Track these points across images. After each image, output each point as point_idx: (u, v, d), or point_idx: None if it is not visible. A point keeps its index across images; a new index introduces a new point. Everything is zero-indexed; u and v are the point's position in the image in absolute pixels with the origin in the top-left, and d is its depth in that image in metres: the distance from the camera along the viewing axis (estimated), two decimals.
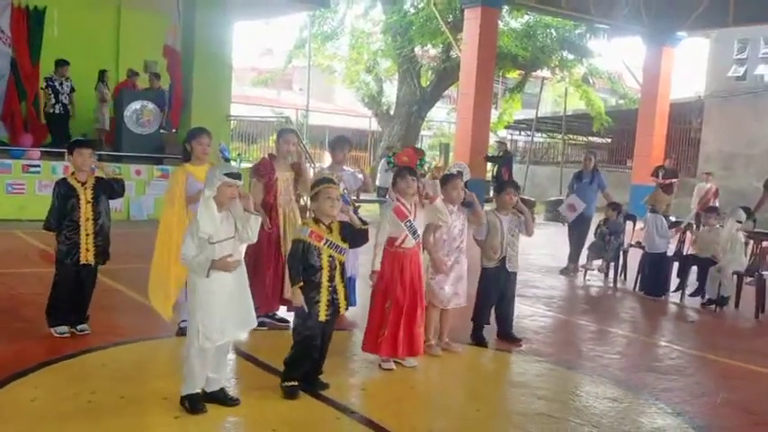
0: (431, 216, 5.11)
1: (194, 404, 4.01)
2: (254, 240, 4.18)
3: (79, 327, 5.37)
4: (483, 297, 5.92)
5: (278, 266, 5.78)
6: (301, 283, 4.23)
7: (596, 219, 10.03)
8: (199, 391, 4.06)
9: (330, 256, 4.31)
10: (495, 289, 5.90)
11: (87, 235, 5.26)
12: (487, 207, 6.18)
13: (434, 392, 4.88)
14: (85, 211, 5.24)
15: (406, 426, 4.06)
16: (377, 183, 16.38)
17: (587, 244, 9.73)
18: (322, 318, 4.30)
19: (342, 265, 4.41)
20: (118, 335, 5.48)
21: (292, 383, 4.33)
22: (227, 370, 4.23)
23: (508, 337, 5.99)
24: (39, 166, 11.85)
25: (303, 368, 4.35)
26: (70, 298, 5.33)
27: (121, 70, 14.56)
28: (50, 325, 5.31)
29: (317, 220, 4.37)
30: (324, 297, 4.30)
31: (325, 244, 4.29)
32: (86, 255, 5.28)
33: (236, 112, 19.31)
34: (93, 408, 4.04)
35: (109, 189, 5.40)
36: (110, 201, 5.47)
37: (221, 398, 4.16)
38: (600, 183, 10.03)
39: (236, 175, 4.05)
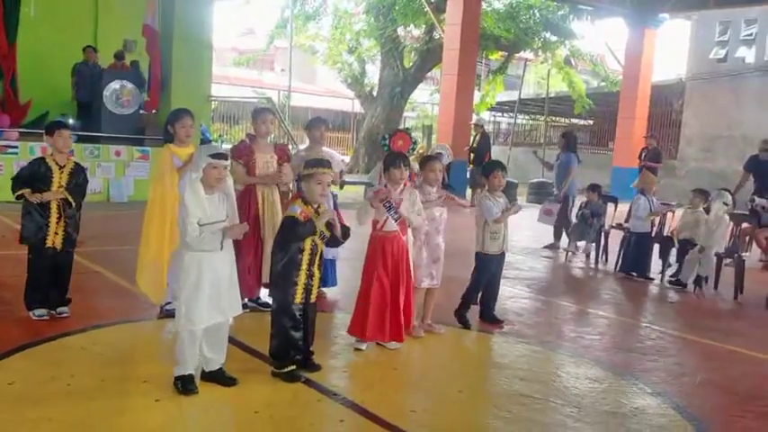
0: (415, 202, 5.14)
1: (186, 385, 4.00)
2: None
3: (58, 309, 5.31)
4: (478, 280, 5.90)
5: (257, 250, 5.68)
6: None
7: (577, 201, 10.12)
8: (192, 372, 4.04)
9: (313, 241, 4.31)
10: (490, 272, 5.90)
11: (58, 218, 5.18)
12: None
13: (417, 374, 4.88)
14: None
15: (388, 407, 4.06)
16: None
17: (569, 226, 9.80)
18: (298, 300, 4.30)
19: (321, 252, 4.42)
20: (98, 317, 5.42)
21: (290, 368, 4.32)
22: (224, 350, 4.22)
23: (490, 318, 6.01)
24: (16, 146, 11.69)
25: (293, 352, 4.34)
26: (47, 280, 5.25)
27: (100, 49, 14.33)
28: (28, 308, 5.25)
29: (305, 201, 4.33)
30: (301, 280, 4.30)
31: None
32: (53, 238, 5.19)
33: (218, 93, 19.15)
34: (73, 391, 4.00)
35: (80, 189, 5.31)
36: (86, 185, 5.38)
37: (220, 378, 4.16)
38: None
39: (223, 156, 4.01)
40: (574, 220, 9.87)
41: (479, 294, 5.98)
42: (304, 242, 4.27)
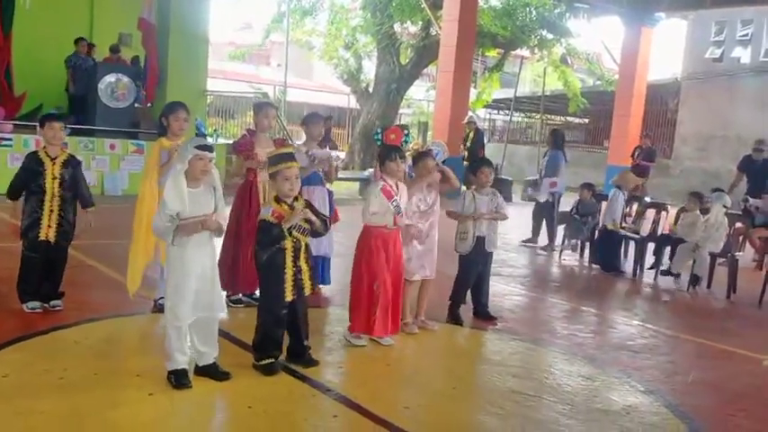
0: (411, 193, 5.19)
1: (180, 379, 4.00)
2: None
3: (52, 302, 5.29)
4: (462, 280, 5.93)
5: None
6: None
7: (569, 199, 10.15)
8: (185, 366, 4.04)
9: (294, 238, 4.26)
10: (474, 272, 5.91)
11: (51, 211, 5.16)
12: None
13: (411, 370, 4.88)
14: (51, 186, 5.13)
15: (382, 403, 4.07)
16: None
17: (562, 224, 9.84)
18: (288, 298, 4.29)
19: (306, 245, 4.39)
20: (91, 311, 5.41)
21: (267, 361, 4.32)
22: (216, 343, 4.22)
23: (484, 315, 6.02)
24: (11, 139, 11.63)
25: (271, 347, 4.34)
26: (40, 273, 5.24)
27: (96, 43, 14.29)
28: (22, 300, 5.23)
29: (278, 200, 4.28)
30: (289, 278, 4.27)
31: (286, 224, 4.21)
32: (47, 231, 5.16)
33: (213, 87, 19.09)
34: (66, 384, 4.00)
35: (79, 183, 5.29)
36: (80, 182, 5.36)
37: (213, 372, 4.16)
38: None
39: (208, 148, 3.97)
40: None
41: (467, 293, 6.00)
42: (284, 242, 4.24)
